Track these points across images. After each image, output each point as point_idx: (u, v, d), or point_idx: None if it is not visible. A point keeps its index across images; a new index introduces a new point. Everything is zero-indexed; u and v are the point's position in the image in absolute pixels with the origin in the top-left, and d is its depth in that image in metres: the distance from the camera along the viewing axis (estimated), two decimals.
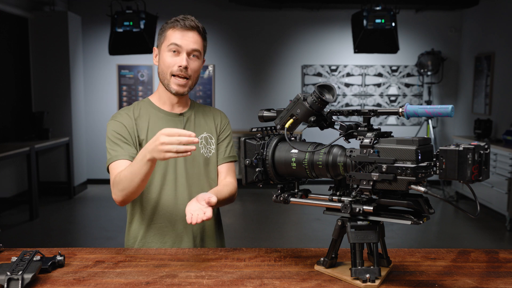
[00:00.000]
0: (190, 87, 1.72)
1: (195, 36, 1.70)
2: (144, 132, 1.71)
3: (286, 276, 1.31)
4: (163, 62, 1.70)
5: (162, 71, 1.72)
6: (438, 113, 1.15)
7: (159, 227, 1.72)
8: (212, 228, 1.80)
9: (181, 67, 1.67)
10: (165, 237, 1.72)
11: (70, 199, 6.78)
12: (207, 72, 7.74)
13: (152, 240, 1.73)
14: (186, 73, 1.68)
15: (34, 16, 6.71)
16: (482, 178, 1.09)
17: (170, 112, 1.77)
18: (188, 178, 1.73)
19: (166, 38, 1.70)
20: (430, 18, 7.72)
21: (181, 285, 1.25)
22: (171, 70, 1.68)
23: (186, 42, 1.67)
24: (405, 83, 7.80)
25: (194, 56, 1.70)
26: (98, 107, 7.79)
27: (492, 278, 1.29)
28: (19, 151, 5.49)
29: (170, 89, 1.71)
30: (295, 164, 1.30)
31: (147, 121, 1.73)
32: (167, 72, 1.70)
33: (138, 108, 1.76)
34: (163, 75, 1.72)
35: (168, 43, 1.68)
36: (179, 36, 1.67)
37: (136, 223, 1.75)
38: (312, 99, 1.27)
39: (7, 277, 1.17)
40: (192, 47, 1.68)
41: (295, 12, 7.67)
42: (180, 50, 1.67)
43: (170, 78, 1.70)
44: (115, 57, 7.24)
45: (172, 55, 1.68)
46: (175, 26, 1.68)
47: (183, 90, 1.71)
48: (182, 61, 1.66)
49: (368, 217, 1.25)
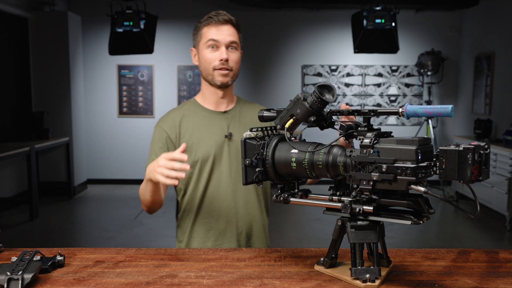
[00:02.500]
0: (232, 77, 1.77)
1: (230, 29, 1.75)
2: (189, 134, 1.76)
3: (286, 276, 1.31)
4: (204, 59, 1.75)
5: (204, 68, 1.76)
6: (438, 113, 1.15)
7: (204, 222, 1.78)
8: (260, 226, 1.82)
9: (222, 60, 1.71)
10: (209, 232, 1.78)
11: (70, 199, 6.78)
12: None
13: (197, 235, 1.78)
14: (228, 65, 1.73)
15: (34, 16, 6.71)
16: (482, 178, 1.09)
17: (215, 110, 1.80)
18: (232, 175, 1.77)
19: (202, 36, 1.75)
20: (430, 18, 7.72)
21: (181, 285, 1.25)
22: (213, 65, 1.73)
23: (222, 36, 1.73)
24: (405, 83, 7.80)
25: (232, 48, 1.75)
26: (98, 107, 7.79)
27: (492, 278, 1.29)
28: (19, 151, 5.49)
29: (215, 82, 1.75)
30: (295, 164, 1.30)
31: (193, 121, 1.78)
32: (209, 68, 1.74)
33: (184, 109, 1.82)
34: (206, 71, 1.76)
35: (205, 40, 1.73)
36: (215, 31, 1.73)
37: (184, 217, 1.82)
38: (312, 99, 1.27)
39: (7, 277, 1.17)
40: (229, 39, 1.73)
41: (295, 12, 7.67)
42: (218, 45, 1.72)
43: (213, 73, 1.74)
44: (115, 57, 7.24)
45: (211, 50, 1.73)
46: (209, 23, 1.75)
47: (227, 80, 1.75)
48: (222, 54, 1.72)
49: (368, 217, 1.25)
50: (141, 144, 7.83)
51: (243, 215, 1.78)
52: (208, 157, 1.74)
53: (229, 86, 1.79)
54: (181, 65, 7.73)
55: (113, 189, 7.51)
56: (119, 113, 7.79)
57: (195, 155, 1.74)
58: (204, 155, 1.74)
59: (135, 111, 7.78)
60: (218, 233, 1.77)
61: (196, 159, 1.74)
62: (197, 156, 1.74)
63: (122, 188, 7.55)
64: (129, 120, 7.82)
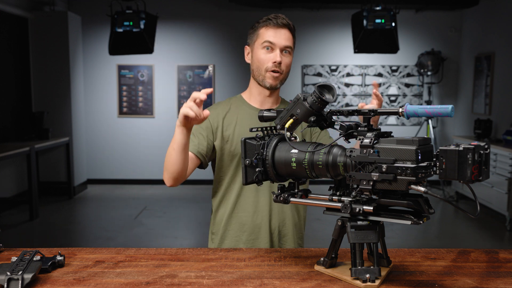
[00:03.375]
0: (281, 80, 1.79)
1: (287, 33, 1.77)
2: (232, 128, 1.79)
3: (286, 276, 1.31)
4: (258, 59, 1.77)
5: (257, 68, 1.79)
6: (438, 113, 1.15)
7: (240, 216, 1.81)
8: (291, 226, 1.83)
9: (275, 63, 1.74)
10: (244, 226, 1.81)
11: (70, 199, 6.79)
12: (207, 72, 7.74)
13: (232, 228, 1.82)
14: (280, 68, 1.75)
15: (34, 16, 6.71)
16: (482, 178, 1.09)
17: (259, 108, 1.83)
18: None
19: (259, 36, 1.77)
20: (430, 18, 7.72)
21: (181, 285, 1.25)
22: (266, 66, 1.76)
23: (279, 39, 1.74)
24: (405, 83, 7.80)
25: (286, 52, 1.77)
26: (98, 107, 7.79)
27: (492, 278, 1.29)
28: (19, 151, 5.49)
29: (265, 84, 1.78)
30: (295, 164, 1.30)
31: (236, 116, 1.81)
32: (262, 68, 1.77)
33: (230, 104, 1.85)
34: (258, 71, 1.78)
35: (261, 41, 1.76)
36: (272, 34, 1.75)
37: (220, 209, 1.85)
38: (312, 99, 1.27)
39: (7, 277, 1.17)
40: (285, 43, 1.75)
41: (295, 12, 7.67)
42: (274, 47, 1.75)
43: (265, 74, 1.77)
44: (115, 57, 7.24)
45: (266, 52, 1.76)
46: (268, 24, 1.76)
47: (276, 83, 1.78)
48: (276, 57, 1.74)
49: (368, 217, 1.25)
50: (141, 144, 7.83)
51: (276, 212, 1.81)
52: None
53: (278, 88, 1.83)
54: (181, 65, 7.73)
55: (113, 189, 7.51)
56: (119, 113, 7.80)
57: (235, 149, 1.77)
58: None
59: (135, 111, 7.78)
60: (253, 227, 1.80)
61: (235, 152, 1.77)
62: (236, 150, 1.77)
63: (122, 188, 7.55)
64: (129, 120, 7.82)
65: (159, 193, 7.26)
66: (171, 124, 7.80)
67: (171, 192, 7.33)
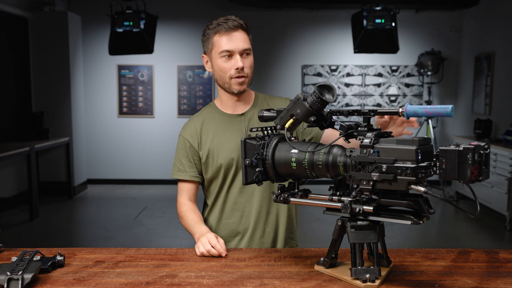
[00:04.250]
0: (248, 83, 1.78)
1: (241, 35, 1.73)
2: (209, 141, 1.78)
3: (286, 276, 1.31)
4: (219, 68, 1.74)
5: (220, 77, 1.76)
6: (438, 113, 1.15)
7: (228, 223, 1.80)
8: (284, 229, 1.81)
9: (238, 69, 1.71)
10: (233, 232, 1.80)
11: (70, 199, 6.78)
12: (207, 72, 7.74)
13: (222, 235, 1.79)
14: (244, 73, 1.73)
15: (34, 16, 6.71)
16: (482, 178, 1.09)
17: (232, 114, 1.82)
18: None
19: (214, 45, 1.73)
20: (430, 18, 7.72)
21: (181, 285, 1.25)
22: (229, 74, 1.73)
23: (235, 44, 1.71)
24: (405, 83, 7.80)
25: (246, 55, 1.75)
26: (98, 107, 7.79)
27: (492, 278, 1.29)
28: (19, 151, 5.49)
29: (232, 90, 1.76)
30: (295, 164, 1.30)
31: (212, 127, 1.81)
32: (225, 77, 1.74)
33: (204, 115, 1.85)
34: (222, 80, 1.76)
35: (218, 50, 1.72)
36: (227, 40, 1.70)
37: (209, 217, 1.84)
38: (312, 99, 1.27)
39: (7, 277, 1.17)
40: (242, 47, 1.72)
41: (295, 12, 7.67)
42: (232, 53, 1.71)
43: (230, 81, 1.74)
44: (115, 57, 7.24)
45: (226, 60, 1.72)
46: (220, 30, 1.71)
47: (244, 87, 1.76)
48: (237, 63, 1.71)
49: (368, 217, 1.25)
50: (141, 144, 7.83)
51: (267, 217, 1.79)
52: (231, 162, 1.75)
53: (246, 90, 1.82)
54: (181, 65, 7.73)
55: (113, 189, 7.51)
56: (119, 113, 7.79)
57: (218, 161, 1.76)
58: (226, 160, 1.75)
59: (135, 111, 7.78)
60: (242, 234, 1.79)
61: (218, 164, 1.76)
62: (219, 162, 1.76)
63: (122, 188, 7.55)
64: (129, 120, 7.82)
65: (159, 193, 7.26)
66: (171, 124, 7.80)
67: (171, 192, 7.32)
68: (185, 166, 1.80)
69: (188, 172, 1.80)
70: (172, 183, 7.80)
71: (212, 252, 1.49)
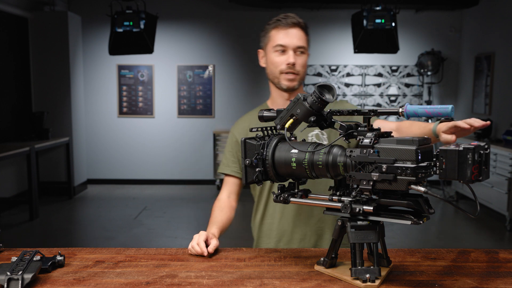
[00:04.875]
0: (299, 81, 1.77)
1: (298, 33, 1.74)
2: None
3: (286, 276, 1.31)
4: (271, 62, 1.76)
5: (271, 71, 1.78)
6: (438, 113, 1.15)
7: (268, 223, 1.81)
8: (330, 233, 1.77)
9: (289, 64, 1.72)
10: (273, 233, 1.80)
11: (70, 199, 6.78)
12: (207, 72, 7.74)
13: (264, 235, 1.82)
14: (294, 69, 1.73)
15: (34, 16, 6.71)
16: (482, 178, 1.09)
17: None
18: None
19: (270, 39, 1.76)
20: (430, 18, 7.72)
21: (181, 285, 1.25)
22: (280, 68, 1.74)
23: (290, 40, 1.72)
24: (405, 83, 7.80)
25: (300, 53, 1.74)
26: (98, 107, 7.79)
27: (492, 278, 1.29)
28: (19, 151, 5.49)
29: (281, 86, 1.76)
30: (295, 164, 1.30)
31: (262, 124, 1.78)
32: (276, 71, 1.75)
33: (254, 112, 1.85)
34: (273, 74, 1.77)
35: (273, 44, 1.74)
36: (283, 35, 1.73)
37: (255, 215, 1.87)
38: (312, 99, 1.27)
39: (7, 277, 1.17)
40: (297, 44, 1.73)
41: (295, 12, 7.61)
42: (286, 49, 1.73)
43: (280, 76, 1.75)
44: (115, 57, 7.24)
45: (279, 54, 1.74)
46: (278, 25, 1.74)
47: (293, 84, 1.76)
48: (289, 58, 1.72)
49: (368, 217, 1.25)
50: (141, 144, 7.83)
51: (308, 220, 1.77)
52: None
53: (297, 89, 1.80)
54: (181, 65, 7.73)
55: (113, 189, 7.51)
56: (119, 113, 7.80)
57: None
58: None
59: (135, 111, 7.78)
60: (281, 235, 1.78)
61: None
62: None
63: (122, 188, 7.55)
64: (129, 120, 7.82)
65: (159, 193, 7.26)
66: (171, 124, 7.80)
67: (171, 192, 7.33)
68: (229, 161, 1.83)
69: (231, 167, 1.82)
70: (172, 183, 7.81)
71: (195, 248, 1.49)
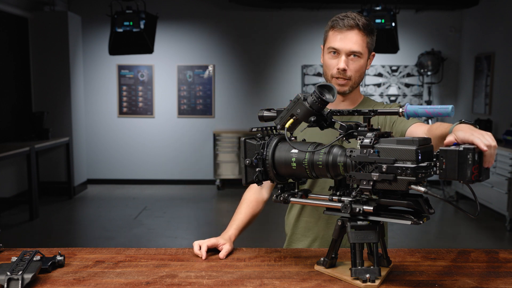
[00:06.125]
0: (351, 86, 1.69)
1: (354, 37, 1.65)
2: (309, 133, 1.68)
3: (286, 276, 1.31)
4: (325, 63, 1.71)
5: (325, 72, 1.73)
6: (438, 113, 1.15)
7: (305, 221, 1.78)
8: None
9: (339, 70, 1.65)
10: (309, 232, 1.78)
11: (70, 199, 6.78)
12: (207, 72, 7.74)
13: (299, 232, 1.80)
14: (345, 75, 1.66)
15: (34, 16, 6.71)
16: (482, 178, 1.09)
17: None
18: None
19: (327, 39, 1.70)
20: (430, 18, 7.72)
21: (181, 285, 1.25)
22: (331, 72, 1.68)
23: (344, 44, 1.64)
24: (405, 83, 7.80)
25: (354, 56, 1.66)
26: (98, 107, 7.79)
27: (492, 278, 1.29)
28: (19, 151, 5.49)
29: None
30: (295, 164, 1.30)
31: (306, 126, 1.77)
32: (328, 73, 1.70)
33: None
34: (326, 76, 1.73)
35: (328, 46, 1.69)
36: (338, 38, 1.65)
37: (290, 211, 1.86)
38: (312, 99, 1.27)
39: (7, 277, 1.17)
40: (350, 49, 1.64)
41: (295, 12, 7.67)
42: (339, 52, 1.66)
43: (331, 79, 1.69)
44: (115, 57, 7.24)
45: (332, 57, 1.67)
46: (335, 26, 1.67)
47: (343, 90, 1.69)
48: (339, 63, 1.64)
49: (368, 217, 1.25)
50: (141, 144, 7.83)
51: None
52: None
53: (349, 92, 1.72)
54: (181, 65, 7.73)
55: (113, 189, 7.51)
56: (119, 113, 7.79)
57: None
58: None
59: (135, 111, 7.78)
60: (316, 234, 1.76)
61: None
62: None
63: (122, 188, 7.55)
64: (129, 120, 7.82)
65: (159, 193, 7.26)
66: (171, 124, 7.80)
67: (171, 192, 7.33)
68: None
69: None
70: (172, 183, 7.81)
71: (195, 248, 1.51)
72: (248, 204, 1.75)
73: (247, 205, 1.74)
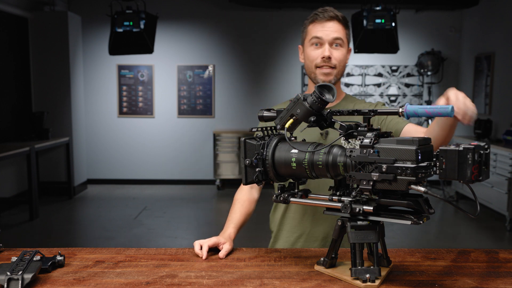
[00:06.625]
0: (336, 75, 1.72)
1: (335, 25, 1.70)
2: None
3: (286, 276, 1.30)
4: (307, 57, 1.73)
5: (307, 66, 1.74)
6: (438, 113, 1.15)
7: (292, 217, 1.78)
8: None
9: (324, 58, 1.68)
10: (294, 228, 1.78)
11: (70, 199, 6.78)
12: (207, 72, 7.74)
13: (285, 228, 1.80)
14: (330, 63, 1.69)
15: (34, 16, 6.71)
16: (482, 178, 1.09)
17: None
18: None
19: (307, 33, 1.73)
20: (430, 18, 7.72)
21: (181, 285, 1.25)
22: (316, 62, 1.70)
23: (326, 32, 1.68)
24: (405, 83, 7.80)
25: (337, 45, 1.70)
26: (98, 107, 7.79)
27: (492, 278, 1.29)
28: (19, 151, 5.49)
29: (318, 81, 1.72)
30: (295, 164, 1.30)
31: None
32: (312, 66, 1.71)
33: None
34: (309, 69, 1.73)
35: (309, 38, 1.71)
36: (319, 28, 1.69)
37: (276, 209, 1.85)
38: (312, 99, 1.27)
39: (7, 277, 1.17)
40: (333, 36, 1.68)
41: (295, 12, 7.67)
42: (322, 42, 1.69)
43: (316, 70, 1.71)
44: (115, 57, 7.24)
45: (315, 48, 1.70)
46: (315, 19, 1.71)
47: (329, 79, 1.70)
48: (324, 51, 1.68)
49: (368, 217, 1.25)
50: (141, 144, 7.83)
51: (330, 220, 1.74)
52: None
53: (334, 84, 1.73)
54: (181, 65, 7.73)
55: (113, 189, 7.51)
56: (119, 113, 7.80)
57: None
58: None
59: (135, 111, 7.78)
60: (302, 230, 1.76)
61: None
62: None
63: (122, 188, 7.55)
64: (129, 120, 7.82)
65: (159, 193, 7.26)
66: (171, 124, 7.80)
67: (171, 192, 7.33)
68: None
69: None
70: (172, 183, 7.81)
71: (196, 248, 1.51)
72: (242, 203, 1.75)
73: (241, 204, 1.74)
